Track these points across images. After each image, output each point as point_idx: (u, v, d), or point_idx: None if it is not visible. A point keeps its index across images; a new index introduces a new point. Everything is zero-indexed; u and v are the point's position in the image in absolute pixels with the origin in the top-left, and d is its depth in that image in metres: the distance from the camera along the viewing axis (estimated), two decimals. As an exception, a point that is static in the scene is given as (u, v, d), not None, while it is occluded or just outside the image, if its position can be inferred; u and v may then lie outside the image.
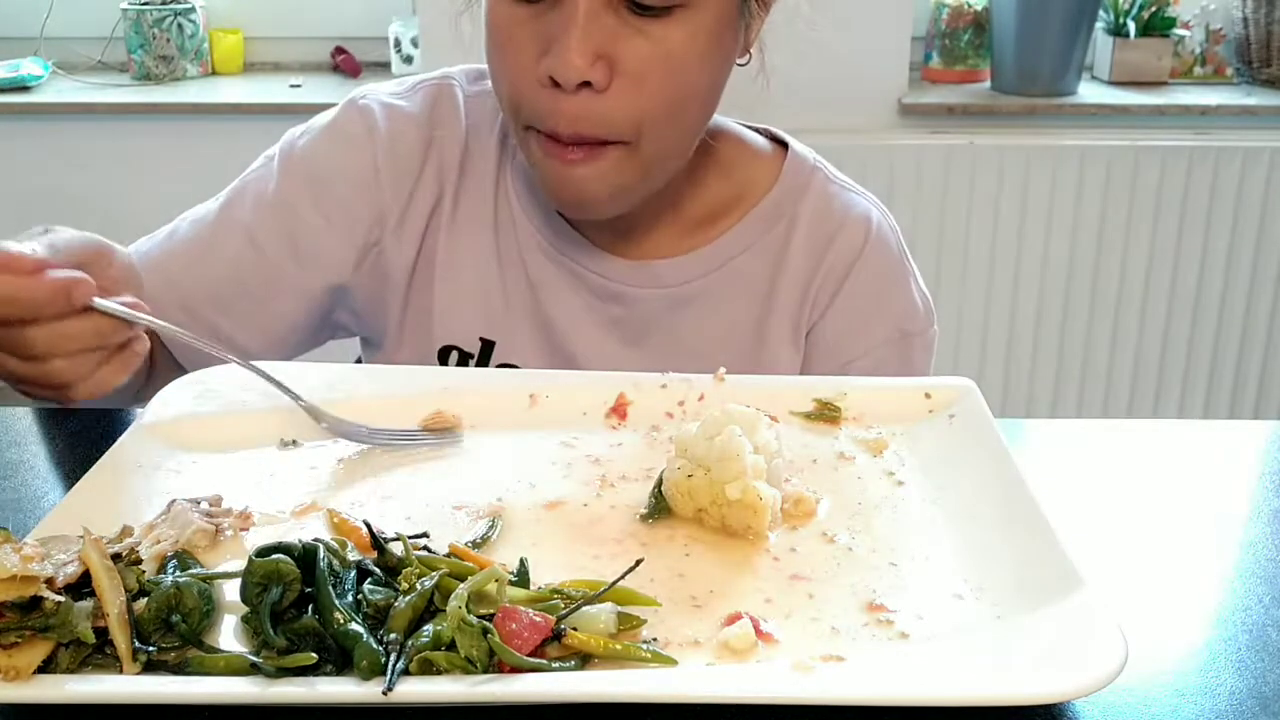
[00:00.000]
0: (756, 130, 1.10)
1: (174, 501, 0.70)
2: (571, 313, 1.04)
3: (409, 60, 2.61)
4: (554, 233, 1.04)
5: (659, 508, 0.72)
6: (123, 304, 0.77)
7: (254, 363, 0.82)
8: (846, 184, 1.09)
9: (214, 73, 2.70)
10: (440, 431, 0.82)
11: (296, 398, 0.81)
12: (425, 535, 0.67)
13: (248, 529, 0.70)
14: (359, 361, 1.15)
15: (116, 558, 0.62)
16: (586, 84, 0.87)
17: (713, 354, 0.99)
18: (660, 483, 0.73)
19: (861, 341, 1.04)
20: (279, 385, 0.81)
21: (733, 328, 1.04)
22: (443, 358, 1.05)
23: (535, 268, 1.04)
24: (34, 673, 0.55)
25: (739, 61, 0.97)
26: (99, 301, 0.75)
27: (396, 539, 0.65)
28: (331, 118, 1.06)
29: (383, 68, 2.67)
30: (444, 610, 0.58)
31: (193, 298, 1.00)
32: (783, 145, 1.09)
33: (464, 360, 1.05)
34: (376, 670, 0.55)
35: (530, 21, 0.88)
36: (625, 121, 0.90)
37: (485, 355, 1.04)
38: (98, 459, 0.76)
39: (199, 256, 1.02)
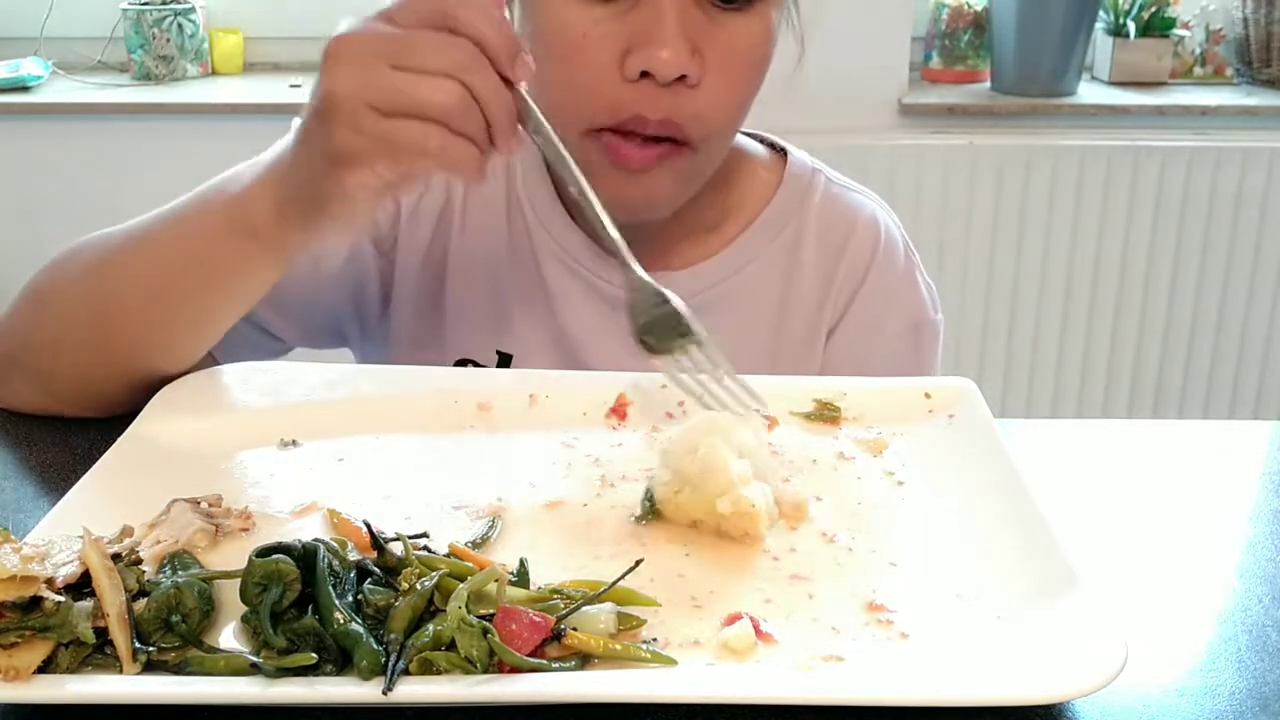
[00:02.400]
0: (751, 136, 1.10)
1: (174, 501, 0.70)
2: (588, 323, 1.02)
3: (409, 60, 2.61)
4: (572, 242, 1.02)
5: (651, 510, 0.72)
6: None
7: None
8: (847, 185, 1.09)
9: (214, 73, 2.69)
10: None
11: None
12: (425, 535, 0.67)
13: (248, 529, 0.70)
14: None
15: (116, 558, 0.62)
16: (681, 78, 0.86)
17: (729, 361, 0.99)
18: (651, 493, 0.73)
19: (879, 338, 1.05)
20: None
21: (748, 334, 1.03)
22: None
23: (553, 278, 1.02)
24: (34, 673, 0.55)
25: None
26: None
27: (396, 539, 0.65)
28: None
29: (383, 68, 2.66)
30: (444, 610, 0.58)
31: None
32: (780, 151, 1.09)
33: None
34: (376, 670, 0.55)
35: (607, 20, 0.87)
36: (712, 115, 0.89)
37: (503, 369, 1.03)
38: (98, 459, 0.76)
39: None
